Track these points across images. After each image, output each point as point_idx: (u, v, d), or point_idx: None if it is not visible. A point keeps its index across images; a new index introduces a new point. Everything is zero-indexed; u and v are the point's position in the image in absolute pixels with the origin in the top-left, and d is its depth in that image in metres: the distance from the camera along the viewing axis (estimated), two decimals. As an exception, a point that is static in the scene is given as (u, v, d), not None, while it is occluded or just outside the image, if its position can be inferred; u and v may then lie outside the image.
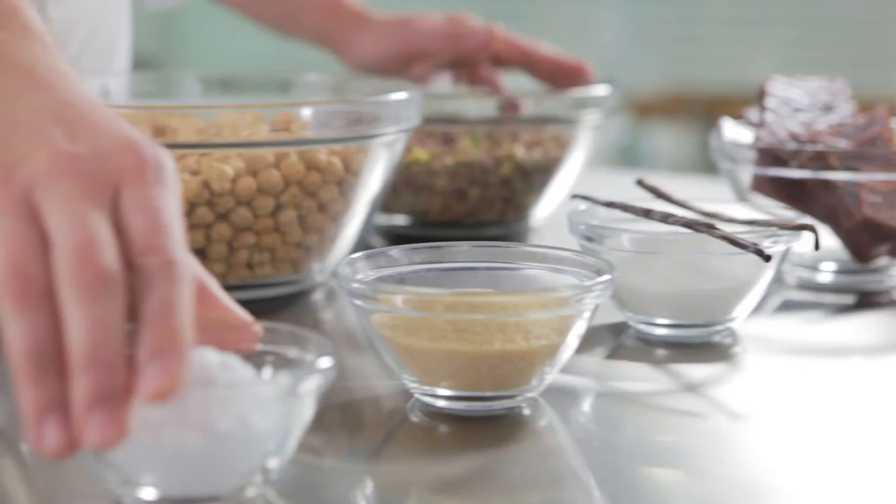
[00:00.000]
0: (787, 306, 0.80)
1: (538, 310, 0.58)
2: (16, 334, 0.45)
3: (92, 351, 0.44)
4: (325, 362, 0.49)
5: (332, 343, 0.51)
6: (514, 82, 1.06)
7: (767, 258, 0.65)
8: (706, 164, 1.36)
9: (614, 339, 0.72)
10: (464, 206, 0.97)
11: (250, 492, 0.49)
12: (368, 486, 0.54)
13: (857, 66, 2.85)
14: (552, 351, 0.59)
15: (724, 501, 0.52)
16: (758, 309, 0.74)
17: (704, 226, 0.67)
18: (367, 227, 0.84)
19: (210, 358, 0.48)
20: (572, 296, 0.58)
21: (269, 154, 0.76)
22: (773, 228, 0.69)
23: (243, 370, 0.49)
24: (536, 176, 0.97)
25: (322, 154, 0.77)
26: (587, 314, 0.59)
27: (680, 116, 3.15)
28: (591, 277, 0.61)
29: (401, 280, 0.63)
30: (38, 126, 0.49)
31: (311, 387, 0.49)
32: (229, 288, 0.78)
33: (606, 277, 0.60)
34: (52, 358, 0.44)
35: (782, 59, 3.07)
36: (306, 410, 0.49)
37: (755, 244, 0.65)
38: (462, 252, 0.66)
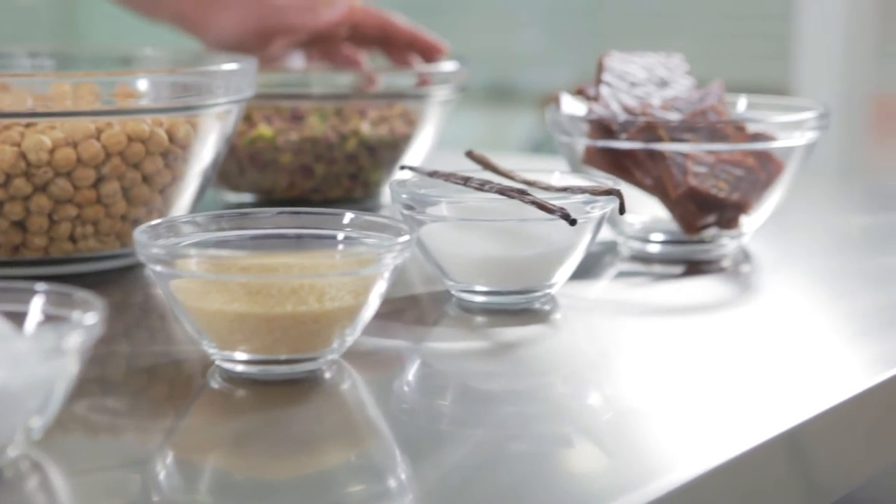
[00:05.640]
0: (615, 275, 0.80)
1: (331, 271, 0.58)
2: None
3: None
4: (90, 319, 0.48)
5: (100, 301, 0.50)
6: (370, 62, 1.06)
7: (573, 222, 0.65)
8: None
9: (435, 309, 0.72)
10: (310, 183, 0.96)
11: (12, 451, 0.48)
12: (155, 444, 0.53)
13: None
14: (349, 313, 0.59)
15: (518, 441, 0.53)
16: (583, 277, 0.75)
17: (516, 192, 0.67)
18: (200, 200, 0.83)
19: None
20: (367, 258, 0.58)
21: (91, 125, 0.74)
22: (585, 194, 0.69)
23: (3, 327, 0.48)
24: (383, 152, 0.97)
25: (145, 125, 0.76)
26: (386, 275, 0.59)
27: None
28: (392, 239, 0.60)
29: (206, 247, 0.62)
30: None
31: (73, 343, 0.48)
32: (52, 262, 0.77)
33: (404, 238, 0.59)
34: None
35: (697, 51, 3.06)
36: (70, 368, 0.48)
37: (562, 209, 0.65)
38: (269, 219, 0.65)
